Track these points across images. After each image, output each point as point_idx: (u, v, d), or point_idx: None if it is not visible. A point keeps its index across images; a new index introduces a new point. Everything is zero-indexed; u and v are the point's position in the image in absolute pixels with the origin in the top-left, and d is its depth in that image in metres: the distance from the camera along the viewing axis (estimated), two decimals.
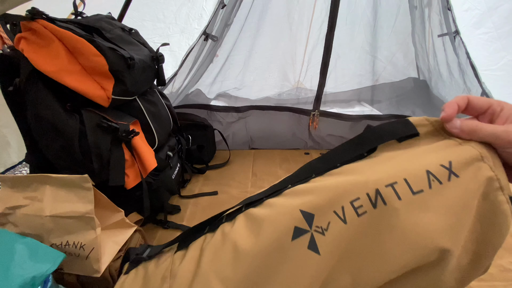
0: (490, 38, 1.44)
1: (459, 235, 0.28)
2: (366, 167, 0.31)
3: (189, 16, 1.42)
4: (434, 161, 0.28)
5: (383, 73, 1.65)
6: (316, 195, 0.30)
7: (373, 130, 0.33)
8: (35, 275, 0.49)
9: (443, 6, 1.42)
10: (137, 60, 0.81)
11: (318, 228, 0.29)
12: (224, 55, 1.50)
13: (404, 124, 0.31)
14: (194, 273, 0.33)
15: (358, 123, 1.42)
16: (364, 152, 0.32)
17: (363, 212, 0.28)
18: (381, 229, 0.28)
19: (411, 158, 0.30)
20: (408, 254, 0.27)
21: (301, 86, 1.69)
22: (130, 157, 0.80)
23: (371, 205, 0.28)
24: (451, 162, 0.28)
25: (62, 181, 0.62)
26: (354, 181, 0.29)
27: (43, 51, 0.69)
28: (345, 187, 0.29)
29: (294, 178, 0.36)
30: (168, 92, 1.41)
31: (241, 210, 0.36)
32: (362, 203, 0.28)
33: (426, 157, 0.29)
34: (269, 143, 1.49)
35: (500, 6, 1.39)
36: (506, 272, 0.75)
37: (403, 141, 0.31)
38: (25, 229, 0.61)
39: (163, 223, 0.94)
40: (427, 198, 0.27)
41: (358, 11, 1.52)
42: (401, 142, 0.31)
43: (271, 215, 0.32)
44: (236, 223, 0.35)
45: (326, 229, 0.29)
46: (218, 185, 1.17)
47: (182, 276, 0.34)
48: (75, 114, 0.74)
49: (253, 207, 0.35)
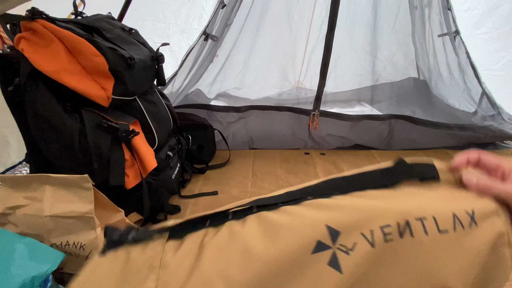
0: (490, 38, 1.44)
1: (468, 280, 0.29)
2: (393, 196, 0.32)
3: (189, 16, 1.42)
4: (460, 206, 0.30)
5: (383, 73, 1.65)
6: (342, 213, 0.31)
7: (403, 165, 0.35)
8: (35, 275, 0.49)
9: (443, 6, 1.42)
10: (137, 60, 0.81)
11: (343, 246, 0.29)
12: (224, 55, 1.50)
13: (430, 167, 0.34)
14: (192, 269, 0.31)
15: (358, 123, 1.42)
16: (389, 183, 0.34)
17: (390, 239, 0.29)
18: (402, 259, 0.29)
19: (438, 198, 0.32)
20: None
21: (301, 86, 1.69)
22: (130, 157, 0.80)
23: (398, 235, 0.29)
24: (474, 211, 0.30)
25: (62, 181, 0.62)
26: (385, 208, 0.30)
27: (43, 51, 0.69)
28: (375, 212, 0.30)
29: (315, 190, 0.36)
30: (168, 92, 1.41)
31: (252, 211, 0.35)
32: (392, 231, 0.29)
33: (452, 201, 0.31)
34: (269, 143, 1.49)
35: (500, 6, 1.39)
36: None
37: (425, 182, 0.33)
38: (25, 229, 0.61)
39: None
40: (450, 239, 0.29)
41: (358, 11, 1.52)
42: (422, 182, 0.33)
43: (292, 223, 0.31)
44: (248, 224, 0.33)
45: (352, 249, 0.29)
46: (218, 185, 1.17)
47: (176, 269, 0.31)
48: (75, 114, 0.74)
49: (267, 210, 0.34)
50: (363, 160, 1.36)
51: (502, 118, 1.42)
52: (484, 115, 1.43)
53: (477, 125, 1.39)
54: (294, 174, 1.25)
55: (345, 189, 0.34)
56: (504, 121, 1.41)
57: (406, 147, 1.45)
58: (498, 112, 1.43)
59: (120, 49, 0.78)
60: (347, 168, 1.29)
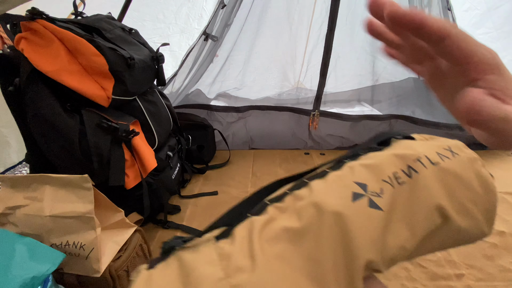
0: (490, 38, 1.44)
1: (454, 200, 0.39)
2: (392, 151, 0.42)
3: (189, 16, 1.42)
4: (438, 145, 0.42)
5: (383, 73, 1.65)
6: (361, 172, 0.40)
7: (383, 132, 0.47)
8: (35, 275, 0.49)
9: (443, 6, 1.42)
10: (137, 60, 0.81)
11: (374, 193, 0.37)
12: (224, 55, 1.50)
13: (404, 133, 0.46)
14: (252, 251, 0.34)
15: (358, 123, 1.42)
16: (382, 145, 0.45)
17: (402, 182, 0.38)
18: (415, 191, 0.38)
19: (421, 146, 0.43)
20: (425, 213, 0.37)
21: (301, 86, 1.68)
22: (130, 157, 0.80)
23: (407, 176, 0.39)
24: (449, 146, 0.42)
25: (62, 181, 0.62)
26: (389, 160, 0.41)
27: (43, 51, 0.69)
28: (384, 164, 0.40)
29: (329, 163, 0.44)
30: (168, 92, 1.41)
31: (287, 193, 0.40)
32: (401, 175, 0.39)
33: (431, 145, 0.43)
34: (269, 143, 1.49)
35: (500, 6, 1.39)
36: (506, 272, 0.75)
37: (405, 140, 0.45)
38: (25, 229, 0.61)
39: (163, 223, 0.94)
40: (443, 168, 0.39)
41: (358, 11, 1.52)
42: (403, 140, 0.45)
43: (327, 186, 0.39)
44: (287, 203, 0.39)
45: (381, 193, 0.38)
46: (218, 185, 1.17)
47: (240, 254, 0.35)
48: (75, 114, 0.74)
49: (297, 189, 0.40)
50: None
51: None
52: None
53: None
54: None
55: (353, 157, 0.43)
56: None
57: None
58: None
59: (120, 49, 0.78)
60: None
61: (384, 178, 0.38)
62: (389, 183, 0.38)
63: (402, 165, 0.39)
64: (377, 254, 0.35)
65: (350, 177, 0.39)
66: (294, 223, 0.36)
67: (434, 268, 0.77)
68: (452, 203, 0.38)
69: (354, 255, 0.34)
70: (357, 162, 0.42)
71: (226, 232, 0.38)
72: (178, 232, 0.92)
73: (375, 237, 0.35)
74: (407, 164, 0.39)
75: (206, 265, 0.34)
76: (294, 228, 0.35)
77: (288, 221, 0.36)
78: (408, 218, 0.37)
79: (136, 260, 0.70)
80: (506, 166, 1.29)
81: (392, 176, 0.39)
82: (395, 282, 0.73)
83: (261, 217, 0.38)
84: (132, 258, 0.68)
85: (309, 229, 0.35)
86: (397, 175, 0.39)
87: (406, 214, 0.37)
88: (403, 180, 0.38)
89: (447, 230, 0.39)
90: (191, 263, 0.35)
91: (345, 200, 0.36)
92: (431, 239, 0.39)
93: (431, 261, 0.79)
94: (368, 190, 0.37)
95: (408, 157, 0.40)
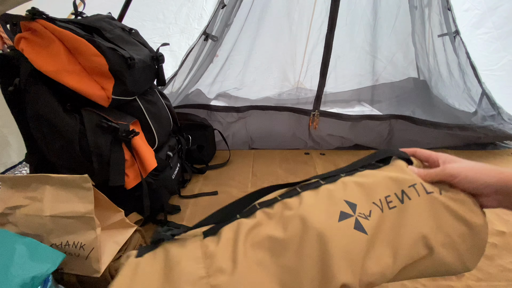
0: (490, 38, 1.44)
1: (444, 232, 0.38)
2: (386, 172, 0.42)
3: (189, 16, 1.42)
4: None
5: (383, 73, 1.65)
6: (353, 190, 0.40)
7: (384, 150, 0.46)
8: (35, 275, 0.49)
9: (443, 6, 1.42)
10: (137, 60, 0.81)
11: (362, 215, 0.38)
12: (224, 55, 1.50)
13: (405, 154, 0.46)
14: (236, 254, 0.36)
15: (358, 123, 1.42)
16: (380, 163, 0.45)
17: (393, 206, 0.38)
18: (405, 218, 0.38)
19: None
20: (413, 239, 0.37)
21: (301, 86, 1.69)
22: (130, 157, 0.80)
23: (399, 201, 0.39)
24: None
25: (62, 181, 0.62)
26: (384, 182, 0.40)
27: (43, 51, 0.69)
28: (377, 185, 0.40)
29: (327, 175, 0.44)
30: (168, 92, 1.41)
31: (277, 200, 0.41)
32: (392, 199, 0.39)
33: None
34: (269, 143, 1.49)
35: (500, 6, 1.39)
36: (506, 272, 0.75)
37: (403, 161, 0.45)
38: (25, 229, 0.61)
39: (163, 223, 0.94)
40: (434, 198, 0.39)
41: (358, 11, 1.52)
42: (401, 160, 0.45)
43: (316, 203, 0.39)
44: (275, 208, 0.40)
45: (369, 215, 0.38)
46: (218, 185, 1.17)
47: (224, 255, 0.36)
48: (75, 114, 0.74)
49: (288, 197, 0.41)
50: None
51: (502, 118, 1.42)
52: (484, 115, 1.43)
53: (477, 125, 1.39)
54: (294, 174, 1.25)
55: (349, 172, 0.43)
56: (504, 121, 1.41)
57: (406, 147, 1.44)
58: (498, 112, 1.43)
59: (120, 49, 0.78)
60: None
61: (375, 201, 0.39)
62: (379, 207, 0.38)
63: (396, 189, 0.39)
64: (354, 278, 0.35)
65: (341, 194, 0.39)
66: (279, 233, 0.37)
67: None
68: (439, 235, 0.38)
69: (331, 276, 0.34)
70: (352, 178, 0.42)
71: (214, 229, 0.40)
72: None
73: (355, 260, 0.35)
74: (402, 189, 0.39)
75: (190, 261, 0.36)
76: (278, 238, 0.36)
77: (273, 229, 0.37)
78: (393, 244, 0.37)
79: None
80: (506, 166, 1.29)
81: (384, 200, 0.39)
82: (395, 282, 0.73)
83: (249, 220, 0.39)
84: None
85: (292, 242, 0.36)
86: (389, 199, 0.39)
87: (391, 240, 0.37)
88: (395, 204, 0.38)
89: (430, 261, 0.38)
90: (176, 257, 0.36)
91: (332, 220, 0.37)
92: (413, 268, 0.39)
93: None
94: (357, 210, 0.38)
95: (404, 182, 0.40)
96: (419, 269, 0.39)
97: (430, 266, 0.39)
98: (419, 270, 0.39)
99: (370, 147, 1.47)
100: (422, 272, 0.40)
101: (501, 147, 1.48)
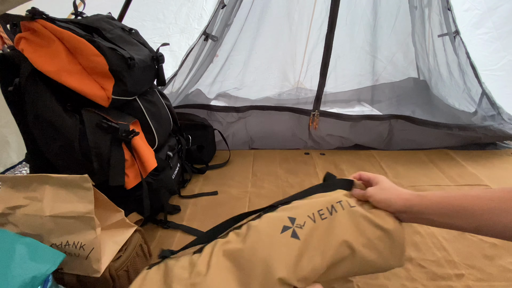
0: (490, 38, 1.44)
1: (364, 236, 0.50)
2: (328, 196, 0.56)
3: (189, 16, 1.42)
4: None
5: (383, 73, 1.65)
6: (297, 209, 0.54)
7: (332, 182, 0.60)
8: (35, 275, 0.49)
9: (443, 6, 1.42)
10: (137, 60, 0.81)
11: (298, 225, 0.50)
12: (224, 55, 1.50)
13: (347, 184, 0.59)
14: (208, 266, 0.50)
15: (358, 123, 1.42)
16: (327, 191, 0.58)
17: (324, 217, 0.51)
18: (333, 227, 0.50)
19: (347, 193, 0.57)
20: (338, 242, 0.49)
21: (301, 86, 1.69)
22: (130, 157, 0.80)
23: (329, 213, 0.52)
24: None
25: (62, 181, 0.62)
26: (319, 200, 0.54)
27: (43, 51, 0.69)
28: (314, 203, 0.54)
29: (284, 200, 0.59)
30: (168, 92, 1.41)
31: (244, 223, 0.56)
32: (324, 212, 0.52)
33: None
34: (269, 143, 1.49)
35: (500, 6, 1.39)
36: (506, 272, 0.75)
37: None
38: (25, 229, 0.61)
39: (163, 223, 0.94)
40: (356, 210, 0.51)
41: (358, 11, 1.52)
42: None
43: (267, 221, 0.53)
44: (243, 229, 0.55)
45: (303, 225, 0.50)
46: (218, 185, 1.17)
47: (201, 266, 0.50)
48: (75, 114, 0.74)
49: (253, 220, 0.56)
50: (363, 160, 1.36)
51: (502, 118, 1.42)
52: (484, 115, 1.43)
53: (477, 125, 1.39)
54: (294, 174, 1.25)
55: (302, 197, 0.58)
56: (504, 121, 1.41)
57: (406, 147, 1.45)
58: (498, 112, 1.43)
59: (120, 49, 0.78)
60: (347, 168, 1.29)
61: (309, 214, 0.51)
62: (312, 219, 0.51)
63: (328, 205, 0.53)
64: (289, 273, 0.47)
65: (287, 213, 0.53)
66: (240, 245, 0.51)
67: (434, 268, 0.77)
68: (360, 238, 0.49)
69: (270, 272, 0.47)
70: (300, 201, 0.56)
71: (200, 249, 0.55)
72: (178, 232, 0.92)
73: (289, 261, 0.48)
74: (331, 204, 0.52)
75: (180, 268, 0.52)
76: (239, 248, 0.50)
77: (238, 243, 0.52)
78: (321, 247, 0.49)
79: (136, 260, 0.70)
80: (506, 166, 1.29)
81: (317, 213, 0.51)
82: (395, 282, 0.73)
83: (223, 239, 0.54)
84: (132, 258, 0.68)
85: (247, 250, 0.50)
86: (321, 212, 0.51)
87: (320, 244, 0.49)
88: (326, 216, 0.51)
89: (355, 260, 0.49)
90: (172, 267, 0.53)
91: (276, 232, 0.50)
92: (340, 265, 0.50)
93: (431, 261, 0.79)
94: (295, 222, 0.51)
95: (333, 199, 0.53)
96: (346, 266, 0.50)
97: (356, 263, 0.49)
98: (347, 267, 0.50)
99: (370, 147, 1.47)
100: (350, 269, 0.50)
101: (501, 147, 1.48)
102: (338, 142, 1.48)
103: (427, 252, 0.82)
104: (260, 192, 1.13)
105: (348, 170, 1.28)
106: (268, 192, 1.13)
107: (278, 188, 1.15)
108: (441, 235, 0.88)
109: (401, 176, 1.21)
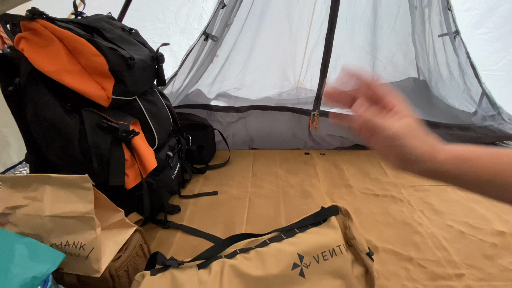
0: (490, 38, 1.44)
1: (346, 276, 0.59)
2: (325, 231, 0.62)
3: (189, 16, 1.42)
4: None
5: (383, 73, 1.65)
6: (303, 245, 0.58)
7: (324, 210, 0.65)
8: (35, 275, 0.49)
9: (443, 6, 1.42)
10: (137, 60, 0.81)
11: (305, 264, 0.56)
12: (224, 55, 1.50)
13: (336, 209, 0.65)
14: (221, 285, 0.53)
15: None
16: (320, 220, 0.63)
17: (327, 258, 0.58)
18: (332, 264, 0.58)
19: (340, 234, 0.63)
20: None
21: (301, 86, 1.68)
22: (130, 157, 0.80)
23: (330, 255, 0.58)
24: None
25: (62, 181, 0.62)
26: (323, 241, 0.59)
27: (43, 51, 0.69)
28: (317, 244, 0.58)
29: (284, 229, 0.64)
30: (168, 92, 1.41)
31: (252, 248, 0.59)
32: (326, 254, 0.58)
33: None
34: (269, 143, 1.49)
35: (500, 6, 1.39)
36: (506, 272, 0.75)
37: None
38: (25, 229, 0.61)
39: (163, 223, 0.94)
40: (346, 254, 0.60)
41: (358, 11, 1.52)
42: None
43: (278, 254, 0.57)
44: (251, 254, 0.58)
45: (309, 265, 0.56)
46: (218, 185, 1.17)
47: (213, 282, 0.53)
48: (75, 114, 0.74)
49: (260, 247, 0.59)
50: (363, 160, 1.36)
51: (502, 118, 1.42)
52: (484, 115, 1.43)
53: (477, 125, 1.39)
54: (294, 174, 1.25)
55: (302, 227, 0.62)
56: (504, 121, 1.41)
57: None
58: (498, 112, 1.43)
59: (120, 49, 0.78)
60: (347, 168, 1.29)
61: (314, 255, 0.57)
62: (316, 260, 0.57)
63: (330, 247, 0.59)
64: None
65: (295, 248, 0.57)
66: (253, 271, 0.54)
67: (434, 268, 0.77)
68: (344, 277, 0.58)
69: None
70: (304, 234, 0.61)
71: (204, 264, 0.57)
72: (178, 232, 0.92)
73: None
74: (332, 247, 0.59)
75: (190, 284, 0.53)
76: (253, 276, 0.54)
77: (250, 269, 0.55)
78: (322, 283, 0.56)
79: (136, 260, 0.70)
80: None
81: (321, 255, 0.57)
82: (395, 282, 0.73)
83: (232, 260, 0.57)
84: (132, 258, 0.68)
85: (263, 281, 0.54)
86: (324, 254, 0.58)
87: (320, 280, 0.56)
88: (328, 257, 0.58)
89: None
90: (180, 280, 0.54)
91: (287, 268, 0.55)
92: None
93: (431, 261, 0.79)
94: (303, 261, 0.56)
95: (334, 243, 0.59)
96: None
97: None
98: None
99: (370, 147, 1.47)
100: None
101: (501, 147, 1.48)
102: (338, 142, 1.48)
103: (427, 252, 0.82)
104: (260, 192, 1.13)
105: (348, 170, 1.28)
106: (268, 192, 1.13)
107: (278, 188, 1.15)
108: (441, 235, 0.88)
109: (401, 175, 1.21)
